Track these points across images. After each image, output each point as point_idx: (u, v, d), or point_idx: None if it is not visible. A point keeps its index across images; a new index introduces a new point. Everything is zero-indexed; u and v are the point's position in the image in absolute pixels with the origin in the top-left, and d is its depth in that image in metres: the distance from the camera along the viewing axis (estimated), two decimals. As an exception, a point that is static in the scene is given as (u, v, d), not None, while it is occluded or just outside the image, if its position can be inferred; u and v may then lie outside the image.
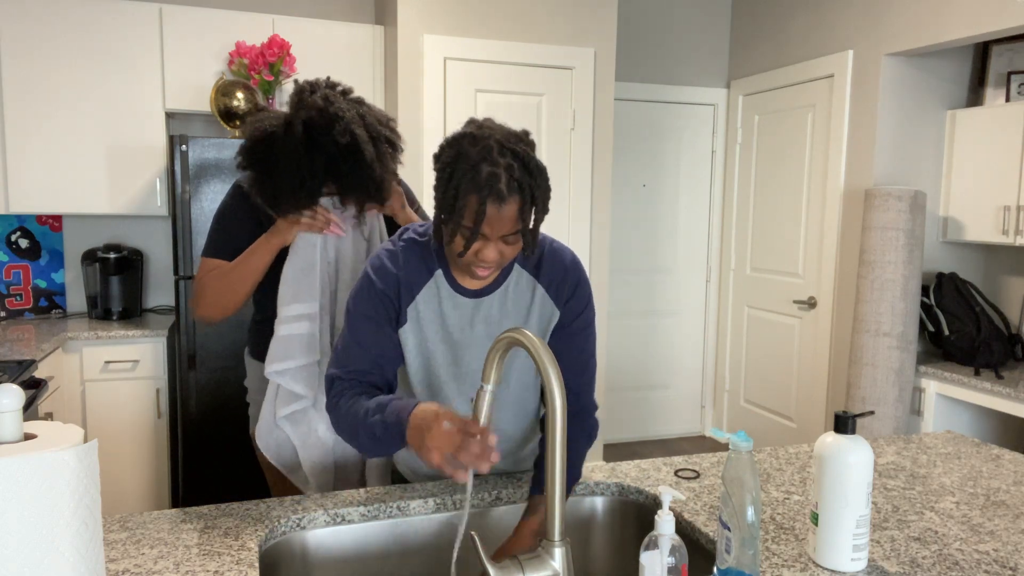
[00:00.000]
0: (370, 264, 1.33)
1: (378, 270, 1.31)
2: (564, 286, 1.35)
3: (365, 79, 3.58)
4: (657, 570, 0.98)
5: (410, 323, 1.32)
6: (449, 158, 1.18)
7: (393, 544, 1.36)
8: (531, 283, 1.35)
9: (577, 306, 1.36)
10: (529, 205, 1.18)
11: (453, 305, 1.33)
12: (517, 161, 1.16)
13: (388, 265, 1.31)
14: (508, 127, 1.23)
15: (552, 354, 0.97)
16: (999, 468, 1.59)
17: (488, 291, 1.33)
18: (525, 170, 1.16)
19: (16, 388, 0.81)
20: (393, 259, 1.31)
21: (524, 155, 1.17)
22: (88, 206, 3.28)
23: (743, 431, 1.10)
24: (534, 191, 1.18)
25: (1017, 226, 3.12)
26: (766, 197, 4.31)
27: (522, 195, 1.16)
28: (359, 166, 1.59)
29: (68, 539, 0.78)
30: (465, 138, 1.18)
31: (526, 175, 1.16)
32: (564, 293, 1.35)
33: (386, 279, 1.30)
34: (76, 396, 3.07)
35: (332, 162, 1.58)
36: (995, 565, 1.14)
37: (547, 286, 1.35)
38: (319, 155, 1.57)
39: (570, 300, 1.36)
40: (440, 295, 1.32)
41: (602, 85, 3.66)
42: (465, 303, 1.33)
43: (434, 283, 1.32)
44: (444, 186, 1.17)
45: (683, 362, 4.76)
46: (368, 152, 1.59)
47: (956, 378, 3.10)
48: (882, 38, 3.44)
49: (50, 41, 3.17)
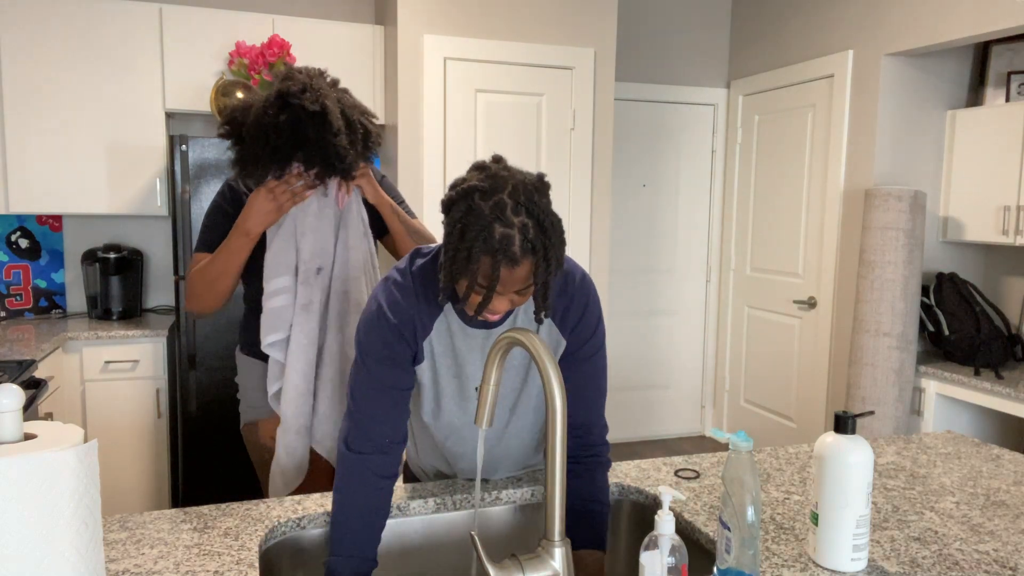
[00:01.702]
0: (383, 297, 1.27)
1: (392, 306, 1.26)
2: (570, 313, 1.31)
3: (365, 79, 3.58)
4: (657, 570, 0.98)
5: (427, 360, 1.30)
6: (460, 213, 1.12)
7: (393, 544, 1.36)
8: None
9: (584, 332, 1.32)
10: (543, 263, 1.12)
11: (464, 337, 1.30)
12: (532, 219, 1.11)
13: (400, 300, 1.26)
14: (522, 172, 1.16)
15: (552, 355, 0.97)
16: (999, 468, 1.59)
17: (500, 321, 1.30)
18: (539, 228, 1.11)
19: (16, 388, 0.81)
20: (405, 294, 1.26)
21: (539, 212, 1.12)
22: (88, 206, 3.28)
23: (743, 431, 1.10)
24: (547, 251, 1.12)
25: (1017, 226, 3.12)
26: (766, 197, 4.31)
27: (535, 256, 1.11)
28: (325, 133, 1.62)
29: (68, 539, 0.78)
30: (476, 192, 1.11)
31: (540, 234, 1.11)
32: (570, 320, 1.31)
33: (402, 318, 1.26)
34: (76, 396, 3.07)
35: (299, 125, 1.61)
36: (995, 565, 1.14)
37: (553, 314, 1.31)
38: (287, 117, 1.61)
39: (576, 327, 1.32)
40: (451, 329, 1.29)
41: (602, 85, 3.66)
42: (475, 334, 1.30)
43: (444, 317, 1.29)
44: (456, 244, 1.11)
45: (683, 362, 4.76)
46: (335, 121, 1.63)
47: (956, 378, 3.10)
48: (882, 38, 3.44)
49: (50, 41, 3.17)
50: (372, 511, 1.25)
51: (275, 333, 1.71)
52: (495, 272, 1.10)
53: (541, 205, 1.13)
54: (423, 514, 1.37)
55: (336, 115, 1.64)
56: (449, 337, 1.29)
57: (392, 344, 1.25)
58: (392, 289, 1.27)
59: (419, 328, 1.27)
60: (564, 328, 1.32)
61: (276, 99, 1.63)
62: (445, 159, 3.45)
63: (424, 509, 1.37)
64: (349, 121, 1.68)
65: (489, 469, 1.47)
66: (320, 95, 1.63)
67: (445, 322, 1.28)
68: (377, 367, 1.26)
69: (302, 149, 1.64)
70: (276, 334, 1.71)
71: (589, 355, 1.33)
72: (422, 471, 1.55)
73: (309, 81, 1.65)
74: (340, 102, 1.68)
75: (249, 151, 1.66)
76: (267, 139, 1.63)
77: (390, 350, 1.25)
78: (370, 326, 1.26)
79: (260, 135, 1.63)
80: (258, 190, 1.68)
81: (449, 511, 1.39)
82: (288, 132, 1.62)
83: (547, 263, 1.13)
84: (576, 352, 1.33)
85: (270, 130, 1.62)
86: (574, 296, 1.32)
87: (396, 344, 1.25)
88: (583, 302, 1.32)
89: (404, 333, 1.25)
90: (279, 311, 1.71)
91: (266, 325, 1.71)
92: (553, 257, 1.13)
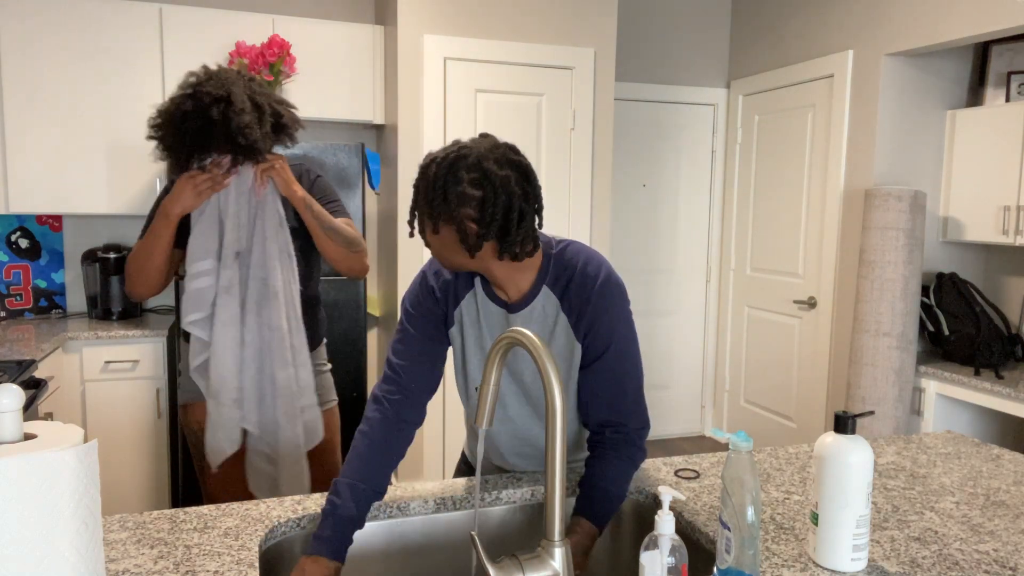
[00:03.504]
0: (428, 268, 1.43)
1: (434, 274, 1.41)
2: (583, 317, 1.31)
3: (365, 79, 3.58)
4: (657, 570, 0.98)
5: (456, 325, 1.41)
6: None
7: (393, 544, 1.36)
8: (555, 308, 1.33)
9: (599, 341, 1.31)
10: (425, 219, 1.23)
11: (487, 314, 1.38)
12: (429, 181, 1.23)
13: (442, 272, 1.41)
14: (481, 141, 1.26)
15: (552, 355, 0.97)
16: (999, 468, 1.59)
17: (518, 307, 1.34)
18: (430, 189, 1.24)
19: (16, 388, 0.81)
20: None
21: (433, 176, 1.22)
22: (88, 206, 3.28)
23: (743, 431, 1.10)
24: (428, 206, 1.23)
25: (1017, 226, 3.12)
26: (766, 197, 4.31)
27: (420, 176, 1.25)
28: (228, 112, 1.72)
29: (68, 539, 0.78)
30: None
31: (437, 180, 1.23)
32: (583, 325, 1.31)
33: (438, 282, 1.40)
34: (76, 396, 3.07)
35: (204, 110, 1.72)
36: (995, 565, 1.14)
37: (568, 313, 1.32)
38: (193, 104, 1.72)
39: (589, 335, 1.31)
40: (478, 303, 1.38)
41: (602, 85, 3.66)
42: (497, 313, 1.37)
43: (474, 293, 1.39)
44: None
45: (683, 362, 4.76)
46: (239, 102, 1.73)
47: (956, 378, 3.10)
48: (882, 38, 3.44)
49: (50, 41, 3.17)
50: (391, 448, 1.33)
51: (196, 312, 1.81)
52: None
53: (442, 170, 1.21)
54: (423, 514, 1.37)
55: (241, 98, 1.74)
56: (476, 311, 1.39)
57: (429, 303, 1.40)
58: (436, 262, 1.42)
59: (451, 296, 1.39)
60: (578, 331, 1.32)
61: (184, 91, 1.75)
62: (445, 159, 3.45)
63: (424, 509, 1.37)
64: (256, 104, 1.78)
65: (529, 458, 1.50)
66: (226, 82, 1.75)
67: (474, 296, 1.39)
68: (414, 321, 1.40)
69: (210, 132, 1.73)
70: (197, 313, 1.81)
71: (614, 359, 1.32)
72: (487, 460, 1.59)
73: (216, 72, 1.78)
74: (249, 89, 1.79)
75: (167, 143, 1.77)
76: (178, 128, 1.74)
77: (427, 307, 1.40)
78: (414, 287, 1.43)
79: (172, 126, 1.74)
80: (181, 176, 1.79)
81: (449, 511, 1.39)
82: (195, 117, 1.72)
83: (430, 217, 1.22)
84: (597, 360, 1.33)
85: (179, 119, 1.73)
86: (590, 299, 1.31)
87: (433, 304, 1.40)
88: (599, 308, 1.31)
89: (439, 296, 1.40)
90: (201, 292, 1.81)
91: (188, 305, 1.81)
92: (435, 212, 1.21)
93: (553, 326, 1.33)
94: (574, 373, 1.35)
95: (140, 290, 1.88)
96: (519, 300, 1.33)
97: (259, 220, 1.84)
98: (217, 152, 1.77)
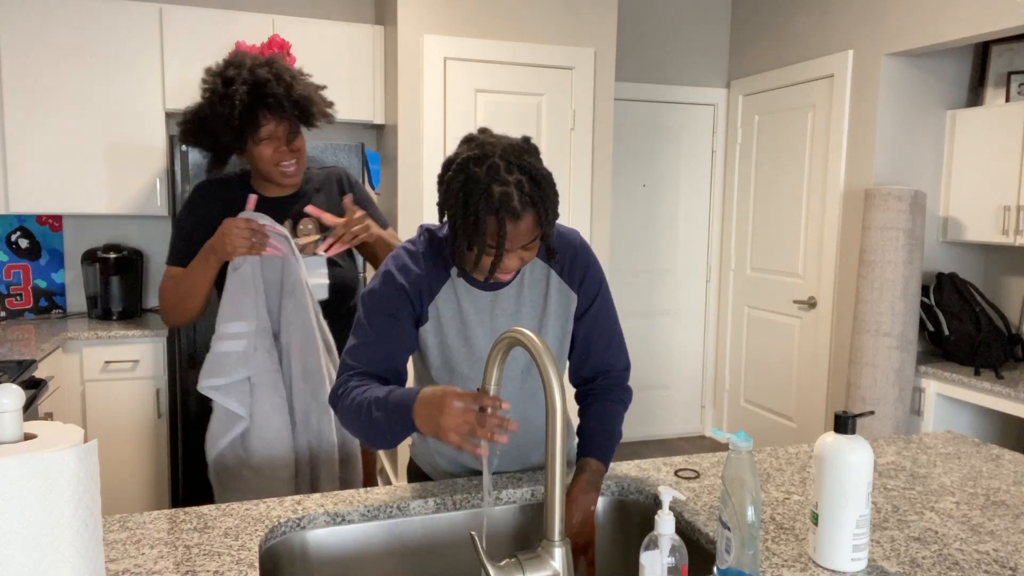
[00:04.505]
0: (392, 262, 1.36)
1: (400, 269, 1.34)
2: (576, 268, 1.40)
3: (365, 79, 3.58)
4: (657, 570, 0.98)
5: (431, 322, 1.36)
6: (459, 184, 1.20)
7: (393, 544, 1.36)
8: (544, 271, 1.40)
9: (591, 287, 1.41)
10: (543, 213, 1.22)
11: (471, 300, 1.36)
12: (525, 175, 1.20)
13: (410, 264, 1.35)
14: (507, 138, 1.25)
15: (552, 354, 0.97)
16: (999, 468, 1.59)
17: (503, 284, 1.36)
18: (533, 182, 1.21)
19: (16, 388, 0.81)
20: (414, 259, 1.35)
21: (530, 168, 1.21)
22: (88, 206, 3.28)
23: (743, 431, 1.10)
24: (545, 202, 1.22)
25: (1017, 226, 3.12)
26: (766, 197, 4.31)
27: (535, 208, 1.21)
28: (280, 85, 1.67)
29: (68, 539, 0.78)
30: (470, 161, 1.20)
31: (535, 188, 1.21)
32: (577, 275, 1.40)
33: (408, 277, 1.34)
34: (76, 396, 3.07)
35: (257, 86, 1.65)
36: (995, 565, 1.14)
37: (560, 271, 1.39)
38: (235, 69, 1.66)
39: (583, 282, 1.40)
40: (458, 293, 1.36)
41: (602, 85, 3.66)
42: (482, 296, 1.37)
43: (451, 282, 1.36)
44: (463, 212, 1.20)
45: (683, 362, 4.76)
46: (287, 73, 1.69)
47: (956, 378, 3.10)
48: (882, 38, 3.44)
49: (50, 41, 3.17)
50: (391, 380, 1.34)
51: (217, 377, 1.69)
52: (502, 230, 1.18)
53: (531, 162, 1.21)
54: (423, 514, 1.37)
55: (285, 68, 1.71)
56: (456, 301, 1.36)
57: (395, 302, 1.33)
58: (403, 255, 1.36)
59: (425, 291, 1.34)
60: (573, 283, 1.40)
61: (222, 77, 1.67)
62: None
63: (424, 509, 1.37)
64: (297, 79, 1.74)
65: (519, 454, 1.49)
66: (267, 60, 1.70)
67: (452, 288, 1.36)
68: (379, 321, 1.32)
69: (262, 93, 1.66)
70: (217, 378, 1.69)
71: (600, 307, 1.43)
72: (432, 468, 1.54)
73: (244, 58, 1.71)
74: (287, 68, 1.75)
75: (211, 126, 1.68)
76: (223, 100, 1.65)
77: (393, 308, 1.33)
78: (377, 286, 1.35)
79: (216, 97, 1.65)
80: (237, 220, 1.68)
81: (449, 511, 1.39)
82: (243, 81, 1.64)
83: (546, 213, 1.22)
84: (588, 308, 1.42)
85: (224, 86, 1.65)
86: (577, 252, 1.41)
87: (399, 303, 1.33)
88: (586, 259, 1.42)
89: (409, 293, 1.33)
90: (227, 356, 1.69)
91: (210, 366, 1.70)
92: (551, 207, 1.23)
93: (546, 287, 1.39)
94: (569, 328, 1.42)
95: (182, 322, 1.79)
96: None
97: (289, 298, 1.74)
98: (273, 117, 1.68)
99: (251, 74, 1.66)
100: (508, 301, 1.38)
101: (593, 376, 1.46)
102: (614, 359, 1.46)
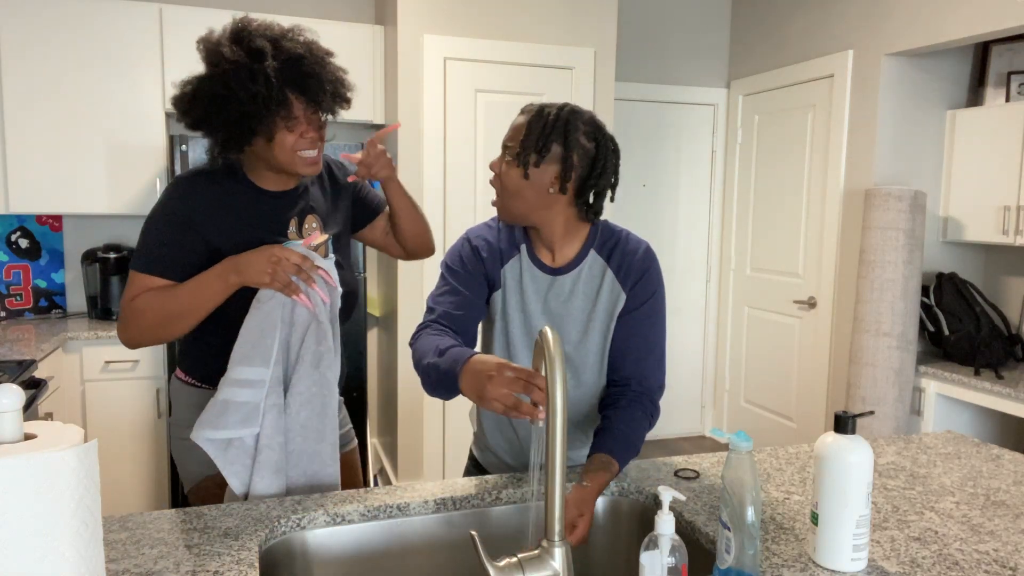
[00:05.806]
0: (471, 232, 1.51)
1: (477, 236, 1.50)
2: (632, 272, 1.45)
3: (365, 79, 3.58)
4: (657, 570, 0.98)
5: (500, 289, 1.48)
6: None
7: (393, 544, 1.36)
8: (602, 267, 1.46)
9: (643, 293, 1.45)
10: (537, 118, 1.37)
11: (532, 278, 1.47)
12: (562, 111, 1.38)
13: (486, 234, 1.50)
14: None
15: (563, 356, 0.98)
16: (999, 468, 1.59)
17: (564, 270, 1.46)
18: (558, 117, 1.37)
19: (16, 388, 0.81)
20: (491, 231, 1.50)
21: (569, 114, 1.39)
22: (88, 206, 3.28)
23: (743, 431, 1.10)
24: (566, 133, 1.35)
25: (1017, 226, 3.12)
26: (766, 197, 4.30)
27: (535, 115, 1.38)
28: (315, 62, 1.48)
29: (68, 539, 0.78)
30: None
31: (558, 120, 1.36)
32: (631, 278, 1.45)
33: (483, 243, 1.48)
34: (76, 396, 3.07)
35: (290, 63, 1.43)
36: (995, 565, 1.14)
37: (616, 270, 1.45)
38: (271, 61, 1.41)
39: (636, 286, 1.45)
40: (522, 268, 1.47)
41: (602, 85, 3.66)
42: (542, 278, 1.46)
43: (519, 258, 1.48)
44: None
45: (683, 362, 4.76)
46: (319, 48, 1.51)
47: (956, 378, 3.10)
48: (882, 38, 3.44)
49: (50, 41, 3.17)
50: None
51: (217, 430, 1.44)
52: None
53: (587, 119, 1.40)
54: (423, 514, 1.37)
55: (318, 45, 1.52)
56: (520, 273, 1.47)
57: (468, 261, 1.47)
58: (482, 226, 1.53)
59: (498, 259, 1.48)
60: (625, 284, 1.45)
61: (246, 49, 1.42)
62: (445, 159, 3.45)
63: (424, 509, 1.37)
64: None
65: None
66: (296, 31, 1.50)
67: (519, 261, 1.48)
68: (454, 277, 1.46)
69: (297, 67, 1.44)
70: (218, 431, 1.44)
71: (646, 315, 1.46)
72: (492, 453, 1.59)
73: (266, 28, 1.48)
74: None
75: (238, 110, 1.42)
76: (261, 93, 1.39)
77: (466, 266, 1.47)
78: (456, 250, 1.50)
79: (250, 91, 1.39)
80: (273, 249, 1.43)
81: (449, 511, 1.39)
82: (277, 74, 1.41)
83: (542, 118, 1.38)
84: (634, 311, 1.45)
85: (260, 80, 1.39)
86: (637, 256, 1.47)
87: (478, 262, 1.47)
88: (645, 266, 1.47)
89: (482, 255, 1.48)
90: (234, 406, 1.44)
91: (210, 415, 1.45)
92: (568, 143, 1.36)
93: (599, 284, 1.45)
94: (614, 324, 1.46)
95: (148, 344, 1.50)
96: (565, 264, 1.45)
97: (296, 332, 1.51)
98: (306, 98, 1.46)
99: (281, 48, 1.43)
100: (564, 287, 1.46)
101: (627, 382, 1.47)
102: (650, 372, 1.47)
